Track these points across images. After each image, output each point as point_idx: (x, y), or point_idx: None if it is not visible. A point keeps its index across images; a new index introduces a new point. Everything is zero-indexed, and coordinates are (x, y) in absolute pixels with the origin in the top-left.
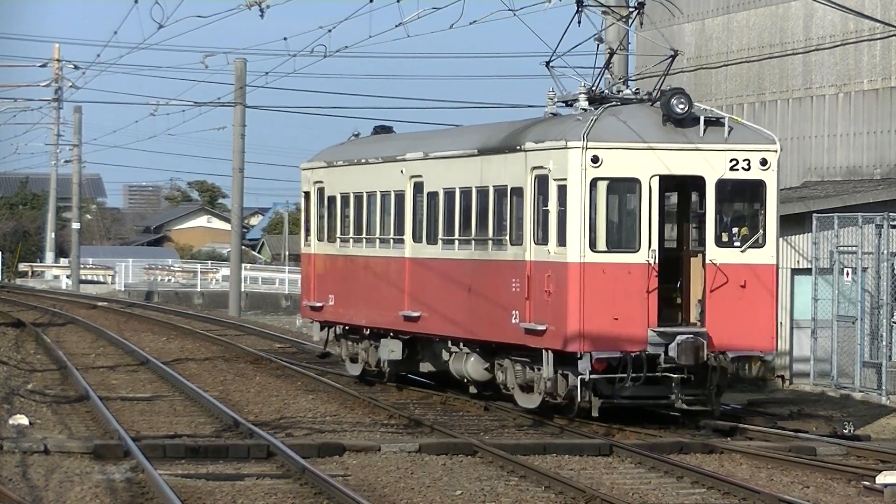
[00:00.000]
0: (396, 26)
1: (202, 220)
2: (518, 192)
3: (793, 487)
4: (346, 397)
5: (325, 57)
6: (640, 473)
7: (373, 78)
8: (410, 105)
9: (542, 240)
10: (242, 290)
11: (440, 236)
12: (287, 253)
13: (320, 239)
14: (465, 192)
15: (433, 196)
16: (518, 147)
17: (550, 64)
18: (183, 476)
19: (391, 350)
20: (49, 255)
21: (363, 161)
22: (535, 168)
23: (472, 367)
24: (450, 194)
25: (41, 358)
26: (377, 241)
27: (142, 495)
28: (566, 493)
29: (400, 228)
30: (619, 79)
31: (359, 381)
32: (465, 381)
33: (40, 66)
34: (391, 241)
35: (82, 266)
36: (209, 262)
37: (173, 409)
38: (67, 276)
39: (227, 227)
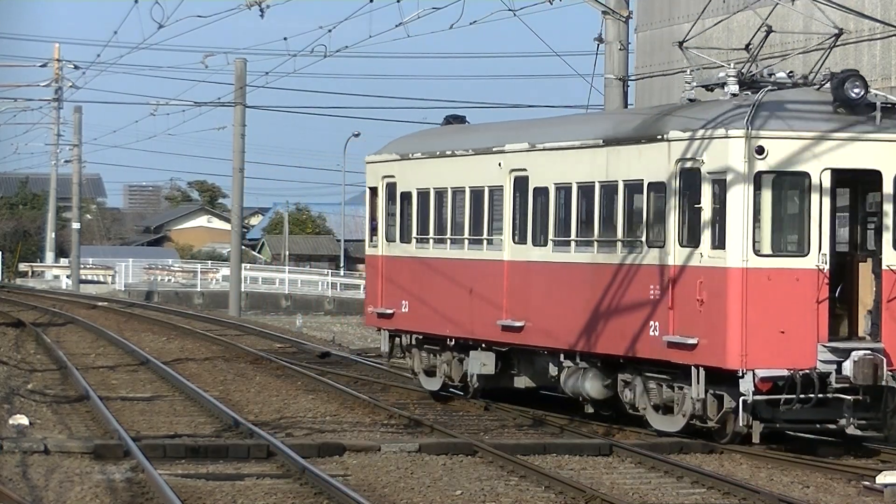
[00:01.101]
0: (396, 26)
1: (202, 220)
2: (657, 187)
3: (793, 487)
4: (346, 397)
5: (325, 57)
6: (640, 473)
7: (373, 78)
8: (410, 105)
9: (690, 242)
10: (242, 290)
11: (551, 237)
12: (287, 253)
13: (390, 239)
14: (586, 188)
15: (541, 192)
16: (659, 136)
17: (684, 44)
18: (183, 476)
19: (482, 363)
20: (49, 255)
21: (448, 153)
22: (681, 160)
23: (590, 383)
24: (564, 190)
25: (41, 358)
26: (465, 242)
27: (142, 495)
28: (566, 493)
29: (496, 228)
30: (621, 78)
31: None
32: (581, 399)
33: (40, 66)
34: (484, 242)
35: (82, 266)
36: (209, 262)
37: (173, 409)
38: (67, 276)
39: (227, 227)
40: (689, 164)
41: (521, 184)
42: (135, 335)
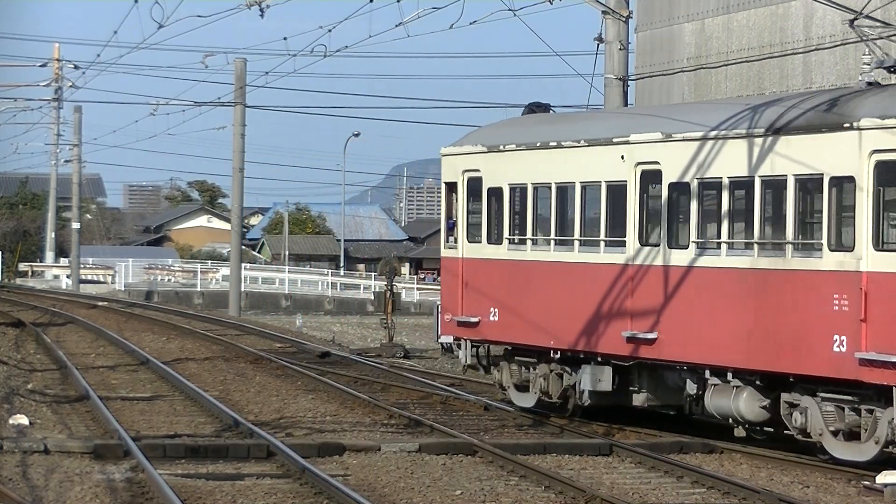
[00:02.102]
0: (396, 26)
1: (202, 220)
2: (841, 182)
3: (793, 487)
4: (346, 397)
5: (325, 57)
6: (640, 473)
7: (373, 78)
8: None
9: (887, 245)
10: (242, 289)
11: (693, 239)
12: (287, 253)
13: (474, 240)
14: (741, 183)
15: (678, 188)
16: (846, 125)
17: (855, 23)
18: (183, 476)
19: (599, 379)
20: (49, 255)
21: (553, 144)
22: (876, 151)
23: (745, 404)
24: (709, 185)
25: (41, 358)
26: (576, 243)
27: (142, 495)
28: (566, 492)
29: (616, 228)
30: (621, 78)
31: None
32: (731, 420)
33: (40, 66)
34: (601, 244)
35: (82, 266)
36: (209, 261)
37: (173, 408)
38: (67, 276)
39: (227, 226)
40: (886, 157)
41: (650, 178)
42: (135, 335)
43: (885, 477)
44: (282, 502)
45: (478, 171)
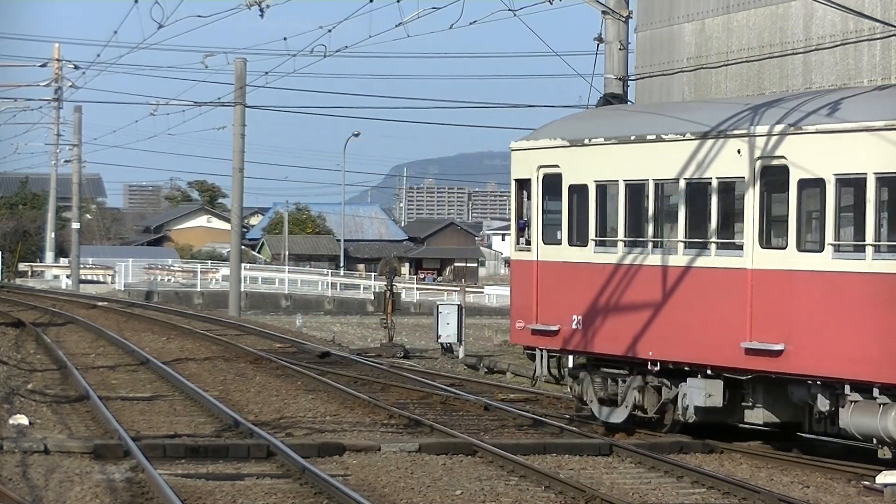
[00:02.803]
0: (396, 26)
1: (202, 220)
2: None
3: (793, 487)
4: (346, 397)
5: (325, 57)
6: (640, 473)
7: (373, 78)
8: (410, 105)
9: None
10: (242, 289)
11: (829, 241)
12: (287, 253)
13: (551, 241)
14: (890, 180)
15: (813, 184)
16: None
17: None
18: (183, 476)
19: (708, 394)
20: (49, 255)
21: (651, 138)
22: None
23: (894, 423)
24: (850, 181)
25: (41, 358)
26: (680, 246)
27: (142, 495)
28: (566, 492)
29: (730, 229)
30: (621, 78)
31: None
32: (875, 441)
33: (40, 66)
34: (712, 246)
35: (82, 266)
36: (209, 261)
37: (173, 408)
38: (67, 276)
39: (227, 226)
40: None
41: (775, 174)
42: (135, 335)
43: (885, 477)
44: (282, 502)
45: (556, 166)
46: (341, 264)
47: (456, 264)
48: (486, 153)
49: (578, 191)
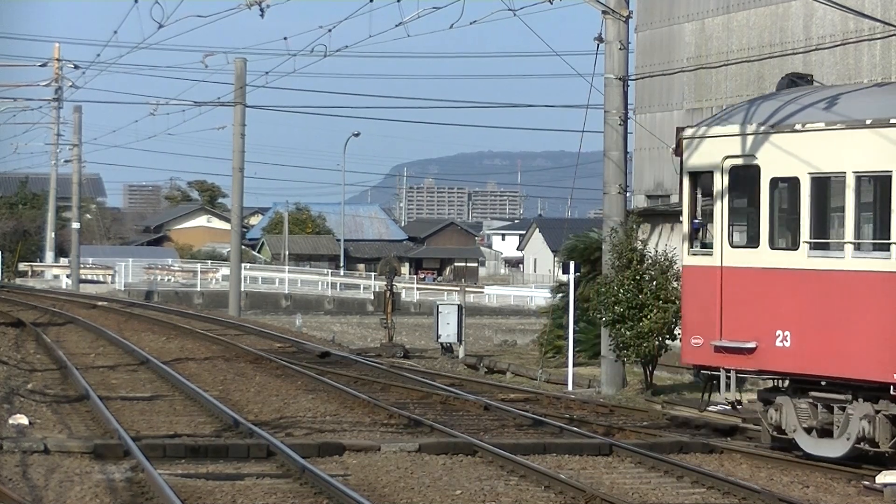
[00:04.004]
0: (396, 26)
1: (202, 220)
2: None
3: (793, 487)
4: (346, 397)
5: (325, 57)
6: (640, 473)
7: (373, 78)
8: (410, 105)
9: None
10: (242, 289)
11: None
12: (287, 252)
13: (743, 244)
14: None
15: None
16: None
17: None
18: (183, 476)
19: None
20: (49, 255)
21: (893, 122)
22: None
23: None
24: None
25: (41, 358)
26: None
27: (142, 495)
28: (566, 492)
29: None
30: (621, 78)
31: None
32: None
33: (40, 66)
34: None
35: (82, 266)
36: (209, 261)
37: (173, 408)
38: (67, 276)
39: (227, 226)
40: None
41: None
42: (135, 335)
43: (885, 477)
44: (282, 502)
45: (751, 157)
46: (341, 264)
47: (456, 264)
48: (486, 153)
49: (785, 184)
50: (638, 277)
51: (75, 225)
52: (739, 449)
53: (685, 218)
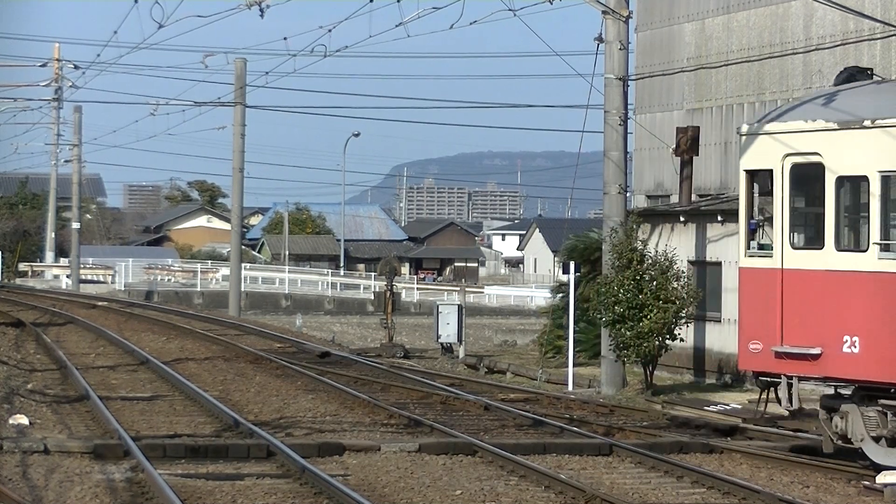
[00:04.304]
0: (396, 26)
1: (202, 220)
2: None
3: (793, 487)
4: (346, 397)
5: (325, 57)
6: (640, 473)
7: (373, 78)
8: (410, 105)
9: None
10: (242, 289)
11: None
12: (287, 253)
13: (806, 245)
14: None
15: None
16: None
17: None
18: (183, 476)
19: None
20: (49, 255)
21: None
22: None
23: None
24: None
25: (41, 358)
26: None
27: (142, 495)
28: (566, 492)
29: None
30: (621, 78)
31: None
32: None
33: (40, 66)
34: None
35: (82, 266)
36: (209, 261)
37: (173, 408)
38: (67, 276)
39: (227, 226)
40: None
41: None
42: (135, 335)
43: (885, 477)
44: (282, 502)
45: (815, 154)
46: (341, 264)
47: (456, 264)
48: (486, 153)
49: (852, 183)
50: (638, 277)
51: (75, 225)
52: (739, 449)
53: (741, 218)
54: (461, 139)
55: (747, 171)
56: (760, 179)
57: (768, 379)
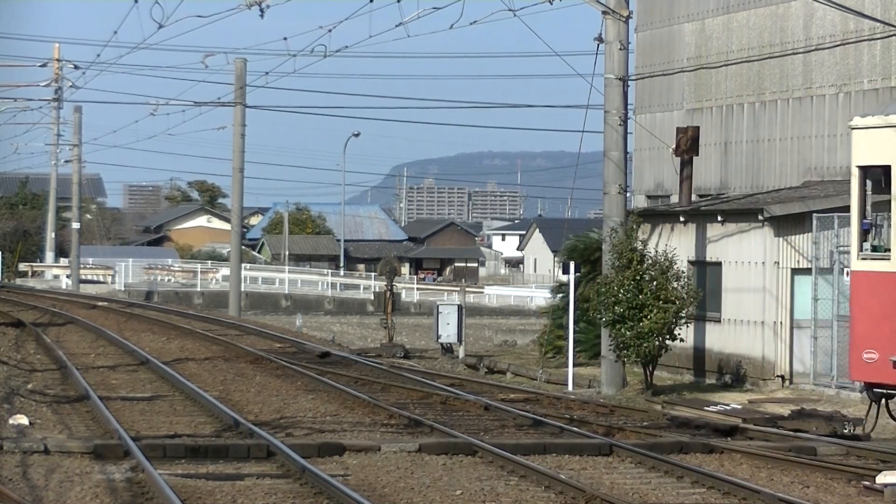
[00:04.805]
0: (396, 26)
1: (202, 220)
2: None
3: (793, 487)
4: (346, 397)
5: (325, 57)
6: (640, 473)
7: (373, 78)
8: (410, 105)
9: None
10: (242, 290)
11: None
12: (287, 253)
13: None
14: None
15: None
16: None
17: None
18: (183, 476)
19: None
20: (49, 255)
21: None
22: None
23: None
24: None
25: (41, 358)
26: None
27: (142, 495)
28: (566, 493)
29: None
30: (621, 78)
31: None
32: None
33: (40, 66)
34: None
35: (82, 266)
36: (209, 261)
37: (173, 408)
38: (67, 276)
39: (227, 227)
40: None
41: None
42: (135, 335)
43: (885, 477)
44: (282, 502)
45: None
46: (341, 264)
47: (456, 264)
48: (486, 153)
49: None
50: (638, 278)
51: (75, 225)
52: (739, 449)
53: (854, 218)
54: (461, 139)
55: (860, 168)
56: (875, 176)
57: (884, 391)
